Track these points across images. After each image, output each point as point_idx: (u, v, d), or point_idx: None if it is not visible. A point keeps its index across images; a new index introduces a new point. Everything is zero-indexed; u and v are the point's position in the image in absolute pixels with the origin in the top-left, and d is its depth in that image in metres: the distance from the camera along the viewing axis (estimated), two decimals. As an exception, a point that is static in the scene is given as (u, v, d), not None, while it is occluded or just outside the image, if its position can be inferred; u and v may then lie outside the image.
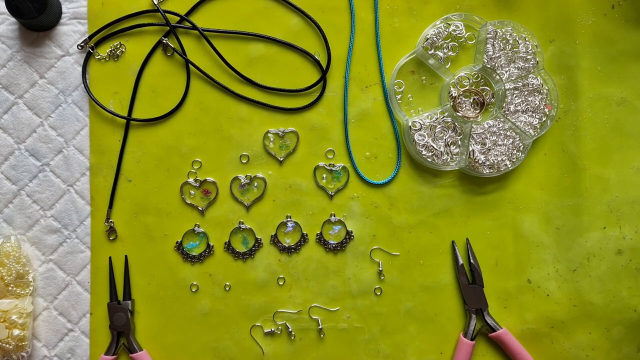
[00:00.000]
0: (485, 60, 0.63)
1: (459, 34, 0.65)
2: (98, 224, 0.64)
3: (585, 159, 0.66)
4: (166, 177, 0.64)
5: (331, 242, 0.65)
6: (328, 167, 0.65)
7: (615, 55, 0.66)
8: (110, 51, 0.64)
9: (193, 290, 0.64)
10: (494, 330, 0.63)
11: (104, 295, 0.63)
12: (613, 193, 0.66)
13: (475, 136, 0.64)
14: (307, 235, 0.65)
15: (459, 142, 0.64)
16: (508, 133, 0.64)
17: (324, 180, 0.65)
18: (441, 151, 0.64)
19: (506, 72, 0.64)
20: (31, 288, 0.62)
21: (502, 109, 0.64)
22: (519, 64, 0.64)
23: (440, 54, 0.64)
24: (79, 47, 0.64)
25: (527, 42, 0.64)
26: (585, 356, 0.65)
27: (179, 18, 0.65)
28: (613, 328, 0.65)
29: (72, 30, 0.65)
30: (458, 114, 0.64)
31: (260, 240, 0.65)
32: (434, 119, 0.64)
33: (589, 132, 0.66)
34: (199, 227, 0.64)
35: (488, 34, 0.63)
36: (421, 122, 0.64)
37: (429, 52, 0.64)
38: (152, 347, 0.63)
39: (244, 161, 0.65)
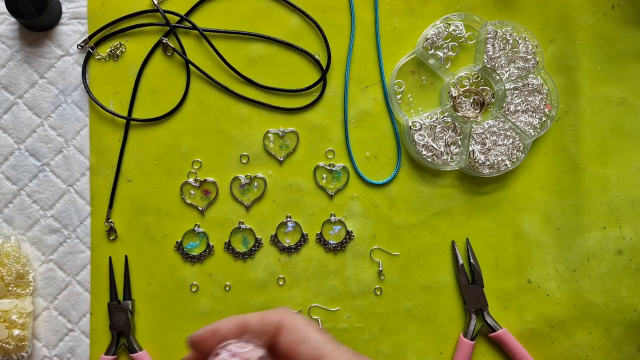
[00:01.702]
0: (485, 60, 0.63)
1: (459, 34, 0.65)
2: (98, 224, 0.64)
3: (585, 159, 0.66)
4: (166, 177, 0.64)
5: (331, 242, 0.65)
6: (328, 167, 0.65)
7: (615, 55, 0.66)
8: (110, 51, 0.64)
9: (193, 290, 0.64)
10: (494, 330, 0.63)
11: (104, 295, 0.63)
12: (613, 193, 0.66)
13: (475, 136, 0.64)
14: (307, 235, 0.65)
15: (459, 142, 0.64)
16: (508, 133, 0.64)
17: (324, 180, 0.65)
18: (441, 151, 0.64)
19: (506, 72, 0.64)
20: (31, 288, 0.62)
21: (502, 109, 0.64)
22: (519, 64, 0.64)
23: (440, 54, 0.64)
24: (79, 47, 0.64)
25: (527, 42, 0.64)
26: (585, 356, 0.65)
27: (179, 18, 0.65)
28: (613, 328, 0.65)
29: (72, 30, 0.65)
30: (458, 114, 0.64)
31: (260, 240, 0.65)
32: (434, 119, 0.64)
33: (589, 132, 0.66)
34: (199, 227, 0.64)
35: (488, 34, 0.63)
36: (421, 122, 0.64)
37: (429, 52, 0.64)
38: (152, 347, 0.63)
39: (244, 161, 0.65)
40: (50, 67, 0.64)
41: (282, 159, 0.65)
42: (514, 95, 0.64)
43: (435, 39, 0.64)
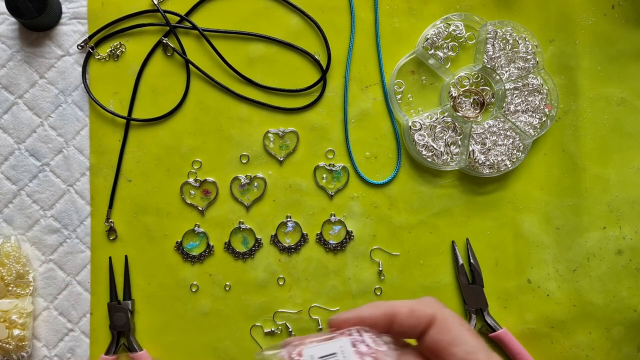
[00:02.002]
0: (485, 60, 0.63)
1: (459, 34, 0.65)
2: (98, 224, 0.64)
3: (585, 159, 0.66)
4: (166, 177, 0.64)
5: (331, 242, 0.65)
6: (328, 167, 0.65)
7: (615, 55, 0.66)
8: (110, 51, 0.64)
9: (193, 290, 0.64)
10: (494, 330, 0.63)
11: (104, 295, 0.63)
12: (613, 193, 0.66)
13: (475, 136, 0.64)
14: (307, 235, 0.65)
15: (459, 142, 0.64)
16: (508, 133, 0.64)
17: (324, 180, 0.65)
18: (441, 151, 0.64)
19: (506, 72, 0.64)
20: (31, 288, 0.62)
21: (502, 109, 0.64)
22: (519, 64, 0.64)
23: (440, 54, 0.64)
24: (79, 47, 0.64)
25: (527, 42, 0.64)
26: (585, 356, 0.65)
27: (179, 18, 0.65)
28: (613, 328, 0.65)
29: (72, 30, 0.65)
30: (458, 114, 0.64)
31: (260, 240, 0.65)
32: (434, 119, 0.64)
33: (589, 132, 0.66)
34: (199, 227, 0.64)
35: (488, 34, 0.63)
36: (421, 122, 0.64)
37: (429, 52, 0.64)
38: (152, 347, 0.63)
39: (244, 161, 0.65)
40: (50, 67, 0.64)
41: (282, 159, 0.65)
42: (514, 95, 0.64)
43: (435, 39, 0.64)
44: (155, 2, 0.64)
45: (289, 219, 0.65)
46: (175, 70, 0.65)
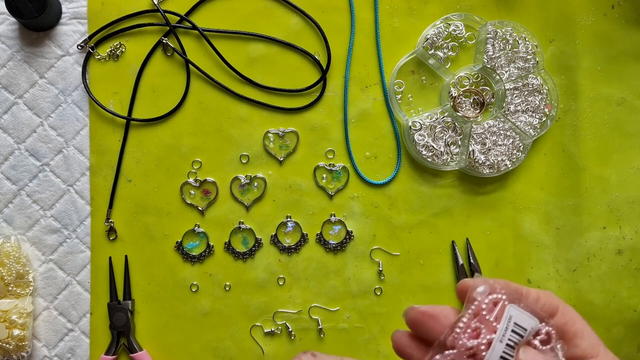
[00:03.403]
0: (485, 60, 0.63)
1: (459, 34, 0.65)
2: (98, 224, 0.64)
3: (585, 159, 0.66)
4: (166, 177, 0.64)
5: (331, 242, 0.65)
6: (328, 167, 0.65)
7: (615, 55, 0.66)
8: (110, 51, 0.64)
9: (193, 290, 0.64)
10: (494, 330, 0.63)
11: (104, 295, 0.63)
12: (613, 193, 0.66)
13: (475, 136, 0.64)
14: (307, 235, 0.65)
15: (459, 142, 0.64)
16: (508, 133, 0.64)
17: (324, 180, 0.65)
18: (441, 151, 0.64)
19: (506, 72, 0.64)
20: (31, 288, 0.62)
21: (502, 109, 0.64)
22: (519, 64, 0.64)
23: (440, 54, 0.64)
24: (79, 47, 0.64)
25: (527, 42, 0.64)
26: (585, 356, 0.65)
27: (179, 18, 0.65)
28: (613, 328, 0.65)
29: (72, 30, 0.65)
30: (458, 114, 0.64)
31: (260, 240, 0.65)
32: (434, 119, 0.64)
33: (589, 132, 0.66)
34: (199, 227, 0.64)
35: (488, 34, 0.63)
36: (421, 122, 0.64)
37: (429, 52, 0.64)
38: (152, 347, 0.63)
39: (244, 161, 0.65)
40: (50, 67, 0.64)
41: (282, 159, 0.65)
42: (514, 95, 0.64)
43: (435, 39, 0.64)
44: (155, 2, 0.64)
45: (289, 219, 0.65)
46: (175, 70, 0.65)
